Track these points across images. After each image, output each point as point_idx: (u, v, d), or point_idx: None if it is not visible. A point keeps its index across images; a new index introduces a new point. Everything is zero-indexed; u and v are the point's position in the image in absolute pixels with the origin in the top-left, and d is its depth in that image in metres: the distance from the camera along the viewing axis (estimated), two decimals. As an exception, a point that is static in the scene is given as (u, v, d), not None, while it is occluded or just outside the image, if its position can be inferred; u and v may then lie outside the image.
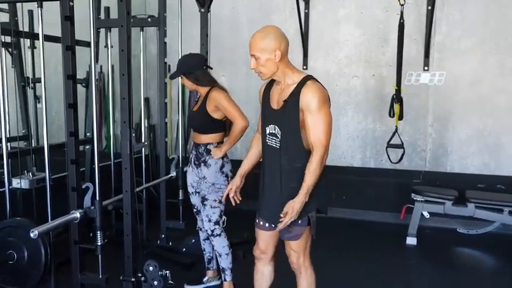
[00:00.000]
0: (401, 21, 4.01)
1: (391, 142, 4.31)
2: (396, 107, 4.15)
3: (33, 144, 4.31)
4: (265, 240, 2.44)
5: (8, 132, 3.86)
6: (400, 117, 4.19)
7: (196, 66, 2.92)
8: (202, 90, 2.96)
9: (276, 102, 2.24)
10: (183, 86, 5.14)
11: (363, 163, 5.06)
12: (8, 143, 3.96)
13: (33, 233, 2.31)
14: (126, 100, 2.55)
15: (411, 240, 4.17)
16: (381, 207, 4.84)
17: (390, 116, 4.25)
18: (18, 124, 4.28)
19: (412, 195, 4.28)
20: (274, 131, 2.23)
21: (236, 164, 2.76)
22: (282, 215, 2.15)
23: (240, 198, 2.54)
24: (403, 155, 4.29)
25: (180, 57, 3.10)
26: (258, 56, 2.13)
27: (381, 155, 4.95)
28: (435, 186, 4.43)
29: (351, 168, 5.08)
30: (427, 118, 4.80)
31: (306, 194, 2.11)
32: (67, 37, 2.54)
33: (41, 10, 2.73)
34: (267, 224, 2.37)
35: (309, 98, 2.08)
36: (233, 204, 2.56)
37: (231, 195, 2.52)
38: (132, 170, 2.64)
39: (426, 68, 4.71)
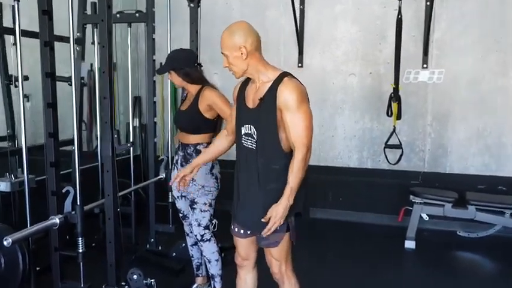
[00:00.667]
0: (399, 16, 3.87)
1: (389, 142, 4.16)
2: (394, 106, 4.01)
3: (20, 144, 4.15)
4: (244, 247, 2.32)
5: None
6: (398, 117, 4.05)
7: (186, 62, 2.77)
8: (192, 88, 2.82)
9: (251, 101, 2.13)
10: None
11: (359, 163, 4.92)
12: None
13: (7, 241, 2.16)
14: (107, 100, 2.41)
15: (410, 244, 4.04)
16: (378, 209, 4.70)
17: (388, 115, 4.11)
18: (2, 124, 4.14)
19: (411, 197, 4.14)
20: (250, 131, 2.12)
21: (229, 164, 2.62)
22: (263, 220, 2.03)
23: (186, 187, 2.52)
24: (401, 155, 4.15)
25: (168, 54, 2.95)
26: (226, 54, 2.06)
27: (378, 155, 4.82)
28: (434, 187, 4.30)
29: (348, 168, 4.94)
30: (426, 117, 4.66)
31: (290, 197, 1.99)
32: (45, 32, 2.41)
33: (18, 4, 2.57)
34: (242, 231, 2.25)
35: (286, 96, 1.97)
36: (177, 190, 2.58)
37: (177, 180, 2.43)
38: (115, 173, 2.49)
39: (425, 65, 4.57)
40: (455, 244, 4.20)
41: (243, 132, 2.15)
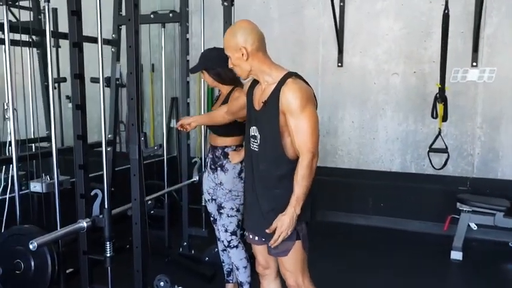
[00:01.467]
0: (446, 11, 3.60)
1: (434, 146, 3.91)
2: (440, 107, 3.74)
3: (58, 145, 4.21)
4: (263, 254, 2.20)
5: (33, 134, 3.82)
6: (444, 119, 3.79)
7: (219, 62, 2.65)
8: (224, 89, 2.74)
9: (257, 103, 2.04)
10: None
11: (402, 168, 4.67)
12: (33, 144, 3.94)
13: (32, 245, 2.13)
14: (134, 101, 2.34)
15: (456, 255, 3.78)
16: (422, 216, 4.44)
17: (433, 117, 3.85)
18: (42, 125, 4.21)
19: (458, 204, 3.88)
20: (255, 133, 2.03)
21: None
22: (268, 231, 1.92)
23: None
24: (447, 160, 3.88)
25: (202, 51, 2.86)
26: (229, 55, 2.00)
27: (422, 159, 4.55)
28: (484, 194, 4.01)
29: (389, 173, 4.70)
30: (475, 119, 4.36)
31: (295, 206, 1.87)
32: (74, 33, 2.38)
33: (49, 5, 2.57)
34: (256, 238, 2.14)
35: (289, 99, 1.86)
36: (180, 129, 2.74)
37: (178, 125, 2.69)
38: (142, 176, 2.42)
39: (474, 63, 4.27)
40: (507, 256, 3.90)
41: (250, 133, 2.07)
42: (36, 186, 3.15)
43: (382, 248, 4.08)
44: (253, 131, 2.03)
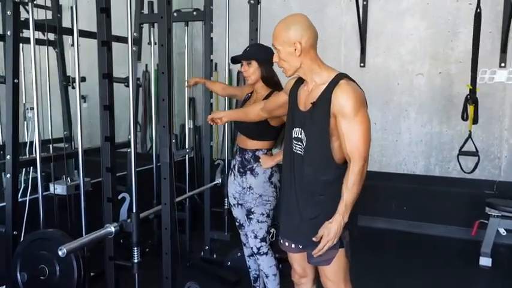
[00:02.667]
0: (478, 10, 3.50)
1: (464, 149, 3.80)
2: (470, 109, 3.64)
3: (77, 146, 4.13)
4: (299, 262, 2.11)
5: (50, 134, 3.75)
6: (475, 121, 3.68)
7: (270, 60, 2.57)
8: (262, 90, 2.62)
9: (303, 104, 1.92)
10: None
11: (426, 171, 4.56)
12: (50, 145, 3.87)
13: (62, 251, 2.05)
14: (165, 102, 2.25)
15: (485, 261, 3.66)
16: (447, 220, 4.33)
17: (463, 119, 3.74)
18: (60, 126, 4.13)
19: (487, 209, 3.76)
20: (300, 136, 1.92)
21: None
22: (314, 239, 1.82)
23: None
24: (477, 163, 3.77)
25: (251, 44, 2.79)
26: (278, 48, 1.87)
27: (447, 162, 4.45)
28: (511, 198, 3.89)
29: (413, 176, 4.60)
30: (502, 121, 4.24)
31: (344, 214, 1.78)
32: (103, 31, 2.29)
33: (76, 3, 2.49)
34: (293, 245, 2.04)
35: (342, 101, 1.76)
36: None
37: (209, 118, 2.51)
38: (172, 180, 2.34)
39: (503, 64, 4.15)
40: (538, 263, 3.79)
41: (293, 135, 1.96)
42: (58, 189, 3.08)
43: (405, 253, 3.97)
44: (297, 132, 1.93)
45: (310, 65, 1.86)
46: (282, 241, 2.11)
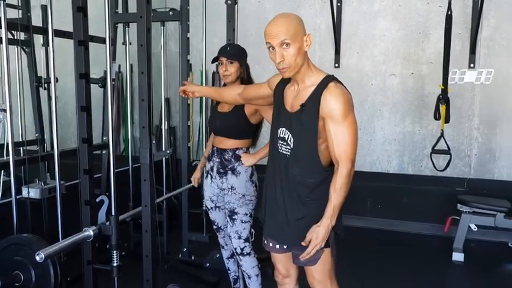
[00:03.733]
0: (449, 13, 3.60)
1: (436, 147, 3.89)
2: (442, 108, 3.74)
3: (49, 149, 4.03)
4: (283, 262, 2.11)
5: (20, 136, 3.64)
6: (447, 120, 3.78)
7: (246, 61, 2.62)
8: None
9: (290, 105, 1.90)
10: (205, 85, 4.85)
11: (400, 169, 4.65)
12: (21, 148, 3.76)
13: (39, 256, 1.99)
14: (145, 102, 2.23)
15: (458, 256, 3.76)
16: (421, 217, 4.43)
17: (435, 119, 3.84)
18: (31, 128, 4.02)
19: (458, 205, 3.86)
20: (285, 136, 1.90)
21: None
22: (303, 243, 1.82)
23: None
24: (449, 161, 3.88)
25: (230, 44, 2.76)
26: (289, 43, 1.74)
27: (420, 160, 4.55)
28: (483, 195, 4.01)
29: (387, 174, 4.69)
30: (472, 120, 4.37)
31: (332, 217, 1.78)
32: (79, 31, 2.24)
33: (51, 1, 2.43)
34: (277, 246, 2.04)
35: (331, 104, 1.74)
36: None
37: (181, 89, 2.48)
38: (153, 182, 2.31)
39: (472, 65, 4.28)
40: (508, 257, 3.91)
41: (278, 135, 1.94)
42: (31, 192, 3.00)
43: (381, 250, 4.04)
44: (283, 132, 1.91)
45: (306, 64, 1.83)
46: (265, 241, 2.10)
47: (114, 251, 2.35)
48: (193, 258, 3.61)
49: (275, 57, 1.78)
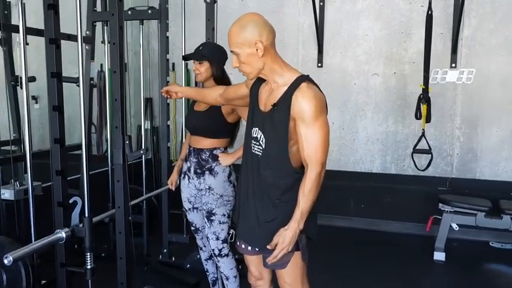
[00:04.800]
0: (430, 12, 3.61)
1: (418, 147, 3.90)
2: (423, 108, 3.74)
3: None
4: (256, 264, 2.08)
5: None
6: (428, 120, 3.79)
7: (222, 59, 2.58)
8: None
9: (263, 104, 1.87)
10: (188, 85, 4.82)
11: (383, 169, 4.65)
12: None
13: (7, 259, 1.94)
14: (118, 102, 2.19)
15: (439, 256, 3.77)
16: (403, 217, 4.44)
17: (417, 118, 3.84)
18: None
19: (440, 205, 3.87)
20: (257, 136, 1.87)
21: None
22: (269, 247, 1.79)
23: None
24: (430, 161, 3.88)
25: (204, 43, 2.68)
26: (237, 52, 1.77)
27: (402, 160, 4.56)
28: (464, 195, 4.03)
29: (370, 174, 4.68)
30: (454, 120, 4.39)
31: (300, 221, 1.75)
32: (50, 29, 2.20)
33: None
34: (249, 247, 2.01)
35: (302, 105, 1.71)
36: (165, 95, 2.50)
37: (164, 90, 2.45)
38: (126, 183, 2.27)
39: (453, 65, 4.30)
40: (489, 256, 3.94)
41: (252, 134, 1.91)
42: (5, 193, 2.94)
43: (364, 250, 4.03)
44: (256, 132, 1.88)
45: (271, 65, 1.79)
46: (238, 243, 2.07)
47: (88, 253, 2.30)
48: (173, 259, 3.57)
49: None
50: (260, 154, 1.86)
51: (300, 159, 1.80)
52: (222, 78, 2.56)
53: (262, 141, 1.85)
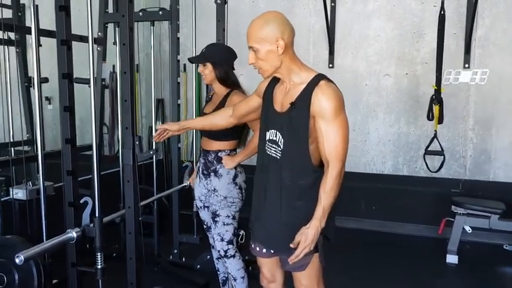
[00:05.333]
0: (442, 12, 3.57)
1: (430, 148, 3.86)
2: (435, 109, 3.70)
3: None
4: (269, 267, 2.07)
5: (11, 137, 3.60)
6: (440, 121, 3.74)
7: (228, 61, 2.57)
8: (220, 90, 2.59)
9: (279, 104, 1.86)
10: (199, 86, 4.83)
11: (394, 170, 4.61)
12: (8, 149, 3.72)
13: (19, 258, 1.96)
14: (128, 102, 2.20)
15: (452, 258, 3.72)
16: (415, 219, 4.40)
17: (429, 119, 3.80)
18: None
19: (453, 207, 3.82)
20: (275, 138, 1.85)
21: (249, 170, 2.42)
22: (292, 246, 1.77)
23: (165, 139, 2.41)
24: (443, 162, 3.84)
25: (208, 44, 2.66)
26: (256, 47, 1.76)
27: (414, 161, 4.52)
28: (477, 197, 3.97)
29: (382, 175, 4.65)
30: (467, 121, 4.33)
31: (321, 219, 1.73)
32: (62, 30, 2.22)
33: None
34: (264, 250, 2.00)
35: (323, 103, 1.71)
36: (155, 140, 2.40)
37: (157, 132, 2.35)
38: (136, 183, 2.28)
39: (467, 65, 4.25)
40: (502, 259, 3.88)
41: (267, 137, 1.89)
42: (18, 193, 2.97)
43: (375, 252, 4.00)
44: (273, 134, 1.86)
45: (289, 63, 1.79)
46: (252, 245, 2.06)
47: (98, 253, 2.31)
48: (184, 259, 3.57)
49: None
50: (279, 156, 1.84)
51: (318, 157, 1.79)
52: (226, 80, 2.56)
53: (280, 142, 1.84)
